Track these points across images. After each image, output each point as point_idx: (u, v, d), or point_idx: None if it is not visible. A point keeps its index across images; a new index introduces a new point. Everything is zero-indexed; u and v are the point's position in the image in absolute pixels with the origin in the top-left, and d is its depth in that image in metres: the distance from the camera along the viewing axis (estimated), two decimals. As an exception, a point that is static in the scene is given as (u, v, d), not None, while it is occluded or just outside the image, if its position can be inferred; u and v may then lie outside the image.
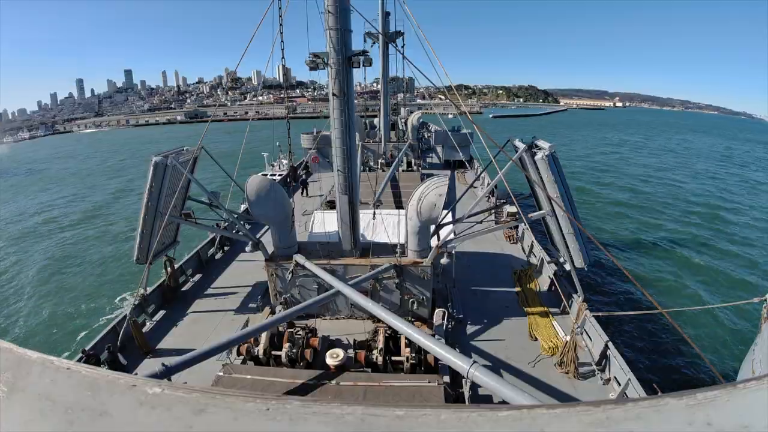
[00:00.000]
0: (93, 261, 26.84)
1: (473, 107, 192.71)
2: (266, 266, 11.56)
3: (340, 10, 9.19)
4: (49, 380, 0.97)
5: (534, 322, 12.20)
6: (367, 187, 18.13)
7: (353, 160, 10.82)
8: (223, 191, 13.57)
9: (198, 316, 12.96)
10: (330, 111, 10.30)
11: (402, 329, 7.97)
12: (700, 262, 26.21)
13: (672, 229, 32.62)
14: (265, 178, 11.22)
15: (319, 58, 9.69)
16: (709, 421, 0.80)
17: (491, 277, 14.95)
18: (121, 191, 47.35)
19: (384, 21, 27.93)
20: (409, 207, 10.65)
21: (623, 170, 57.08)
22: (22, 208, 42.60)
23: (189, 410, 0.90)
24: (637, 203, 39.82)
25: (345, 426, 0.86)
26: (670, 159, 70.12)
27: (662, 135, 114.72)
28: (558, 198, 10.50)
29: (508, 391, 5.82)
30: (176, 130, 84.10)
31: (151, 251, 12.40)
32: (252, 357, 9.82)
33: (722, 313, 19.02)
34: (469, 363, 6.51)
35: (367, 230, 13.04)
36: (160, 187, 11.88)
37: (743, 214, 37.10)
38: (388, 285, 11.32)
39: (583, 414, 0.85)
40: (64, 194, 47.91)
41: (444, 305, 11.55)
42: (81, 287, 23.15)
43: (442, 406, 0.94)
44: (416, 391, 8.40)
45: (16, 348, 1.07)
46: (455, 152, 27.25)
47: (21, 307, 21.28)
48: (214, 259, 17.17)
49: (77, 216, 37.99)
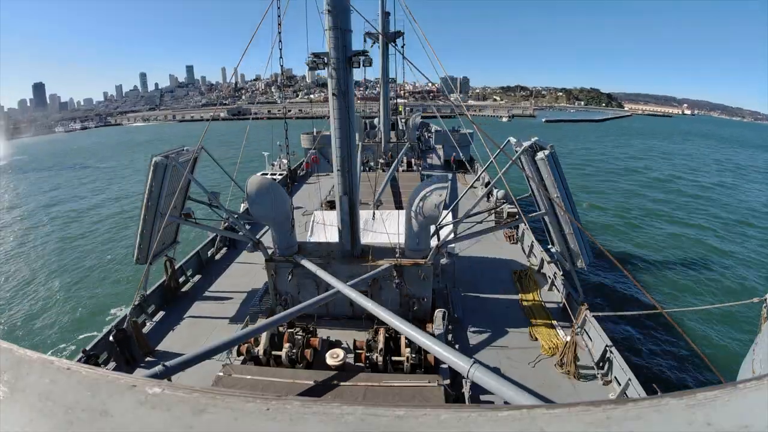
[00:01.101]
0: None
1: (526, 110, 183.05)
2: (266, 266, 11.56)
3: (339, 10, 9.20)
4: (49, 380, 0.97)
5: (534, 322, 12.20)
6: (367, 187, 18.13)
7: (353, 160, 10.82)
8: (223, 191, 13.59)
9: (198, 317, 12.96)
10: (330, 111, 10.30)
11: (402, 329, 7.97)
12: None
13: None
14: (265, 178, 11.23)
15: (319, 58, 9.69)
16: (709, 421, 0.80)
17: (491, 278, 14.95)
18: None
19: (384, 21, 27.93)
20: (409, 207, 10.65)
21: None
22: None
23: (189, 410, 0.90)
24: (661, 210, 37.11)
25: (345, 426, 0.86)
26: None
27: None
28: (558, 198, 10.50)
29: (508, 391, 5.82)
30: (215, 126, 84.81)
31: (151, 251, 12.41)
32: (252, 357, 9.82)
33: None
34: (469, 363, 6.51)
35: (367, 230, 13.04)
36: (160, 187, 11.89)
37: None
38: (388, 285, 11.31)
39: (583, 414, 0.85)
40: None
41: (444, 305, 11.54)
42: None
43: (442, 406, 0.94)
44: (416, 391, 8.40)
45: (16, 348, 1.07)
46: (455, 152, 27.27)
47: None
48: (214, 259, 17.17)
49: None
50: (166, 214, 11.86)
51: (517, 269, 15.40)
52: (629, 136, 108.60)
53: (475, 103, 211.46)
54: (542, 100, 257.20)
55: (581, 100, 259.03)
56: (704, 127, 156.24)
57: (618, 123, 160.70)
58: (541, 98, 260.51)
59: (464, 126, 32.91)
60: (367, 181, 18.93)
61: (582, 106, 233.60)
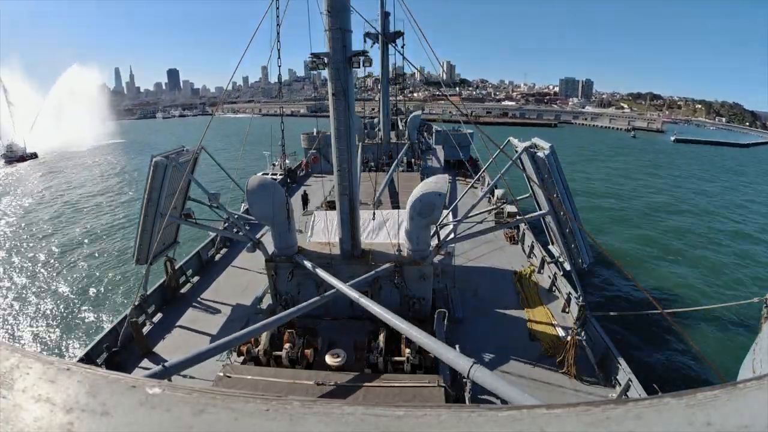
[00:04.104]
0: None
1: (652, 122, 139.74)
2: (266, 266, 11.56)
3: (339, 11, 9.20)
4: (49, 381, 0.97)
5: (534, 322, 12.21)
6: (367, 187, 18.13)
7: (353, 160, 10.82)
8: (223, 192, 13.59)
9: (198, 317, 12.97)
10: (330, 111, 10.30)
11: (402, 329, 7.97)
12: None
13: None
14: (266, 178, 11.23)
15: (319, 58, 9.69)
16: (709, 421, 0.80)
17: (491, 278, 14.95)
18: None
19: (384, 21, 27.93)
20: (409, 207, 10.65)
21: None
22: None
23: (189, 410, 0.90)
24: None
25: (345, 426, 0.86)
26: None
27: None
28: (558, 198, 10.50)
29: (508, 391, 5.81)
30: (290, 120, 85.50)
31: (151, 252, 12.41)
32: (252, 357, 9.82)
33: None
34: (469, 363, 6.51)
35: (366, 230, 13.04)
36: (161, 187, 11.89)
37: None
38: (388, 285, 11.31)
39: (583, 414, 0.85)
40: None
41: (444, 305, 11.54)
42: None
43: (442, 406, 0.94)
44: (416, 391, 8.40)
45: (16, 348, 1.07)
46: (455, 152, 27.25)
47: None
48: (214, 259, 17.18)
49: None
50: (167, 215, 11.87)
51: (518, 269, 15.41)
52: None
53: (583, 111, 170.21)
54: (677, 111, 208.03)
55: (722, 116, 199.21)
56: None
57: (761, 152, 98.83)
58: (677, 109, 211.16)
59: (464, 126, 32.86)
60: (368, 180, 18.93)
61: (723, 123, 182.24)
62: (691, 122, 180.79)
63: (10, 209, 40.15)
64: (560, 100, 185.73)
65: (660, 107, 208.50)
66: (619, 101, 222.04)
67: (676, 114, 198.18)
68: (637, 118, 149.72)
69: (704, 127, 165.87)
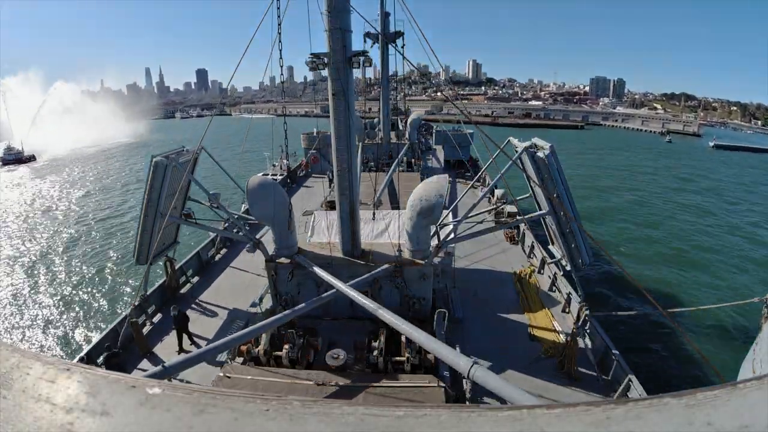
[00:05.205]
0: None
1: (688, 125, 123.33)
2: (266, 267, 11.56)
3: (339, 11, 9.20)
4: (49, 381, 0.97)
5: (534, 322, 12.20)
6: (367, 187, 18.12)
7: (353, 161, 10.82)
8: (224, 192, 13.59)
9: (198, 317, 12.96)
10: (330, 111, 10.30)
11: (402, 329, 7.97)
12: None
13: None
14: (266, 178, 11.23)
15: (319, 58, 9.70)
16: (709, 421, 0.80)
17: (491, 278, 14.95)
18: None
19: (384, 21, 27.93)
20: (409, 207, 10.64)
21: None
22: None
23: (189, 410, 0.90)
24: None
25: (345, 426, 0.86)
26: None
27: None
28: (558, 198, 10.51)
29: (508, 391, 5.81)
30: (299, 121, 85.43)
31: (151, 252, 12.41)
32: (252, 357, 9.82)
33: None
34: (469, 363, 6.50)
35: (366, 230, 13.04)
36: (161, 187, 11.89)
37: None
38: (388, 285, 11.31)
39: (583, 414, 0.85)
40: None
41: (444, 305, 11.54)
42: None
43: (442, 406, 0.94)
44: (416, 391, 8.40)
45: (16, 348, 1.08)
46: (456, 152, 27.24)
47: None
48: (214, 259, 17.17)
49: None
50: (167, 215, 11.87)
51: (518, 269, 15.41)
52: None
53: (613, 111, 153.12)
54: (712, 113, 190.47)
55: (758, 119, 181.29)
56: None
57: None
58: (712, 111, 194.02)
59: (465, 126, 32.85)
60: (368, 181, 18.93)
61: (759, 127, 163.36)
62: (727, 125, 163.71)
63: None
64: (590, 100, 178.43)
65: (695, 108, 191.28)
66: (652, 102, 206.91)
67: (711, 116, 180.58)
68: (671, 120, 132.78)
69: (741, 130, 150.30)
